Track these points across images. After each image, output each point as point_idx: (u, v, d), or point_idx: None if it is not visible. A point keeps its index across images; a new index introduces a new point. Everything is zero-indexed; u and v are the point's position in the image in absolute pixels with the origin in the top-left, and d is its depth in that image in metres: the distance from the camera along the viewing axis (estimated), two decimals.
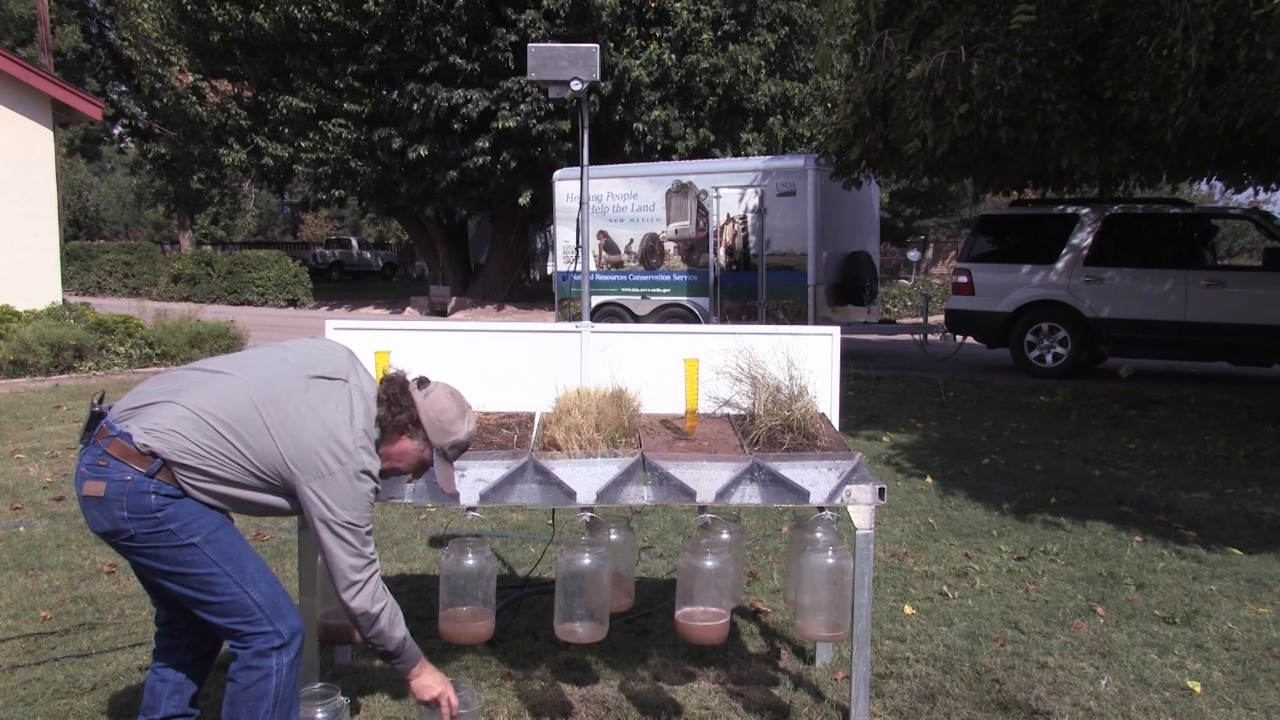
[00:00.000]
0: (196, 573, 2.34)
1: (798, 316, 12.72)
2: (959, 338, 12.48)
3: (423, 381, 2.57)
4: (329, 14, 18.99)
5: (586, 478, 2.80)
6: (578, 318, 12.05)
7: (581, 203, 8.72)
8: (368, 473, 2.39)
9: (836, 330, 3.36)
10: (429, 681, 2.55)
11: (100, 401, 2.41)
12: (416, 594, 4.09)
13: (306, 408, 2.39)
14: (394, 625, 2.47)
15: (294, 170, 21.73)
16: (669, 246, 13.83)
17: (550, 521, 4.83)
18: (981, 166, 10.06)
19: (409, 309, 23.41)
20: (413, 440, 2.52)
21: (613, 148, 19.49)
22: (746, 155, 19.23)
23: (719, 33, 20.30)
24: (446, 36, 18.54)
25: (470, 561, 2.79)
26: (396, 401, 2.49)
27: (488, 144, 18.89)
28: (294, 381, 2.43)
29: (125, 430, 2.30)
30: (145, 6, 24.44)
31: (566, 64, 7.21)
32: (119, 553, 2.40)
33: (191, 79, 25.08)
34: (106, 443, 2.30)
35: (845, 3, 10.00)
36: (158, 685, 2.60)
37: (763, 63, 20.37)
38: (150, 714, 2.60)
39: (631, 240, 14.09)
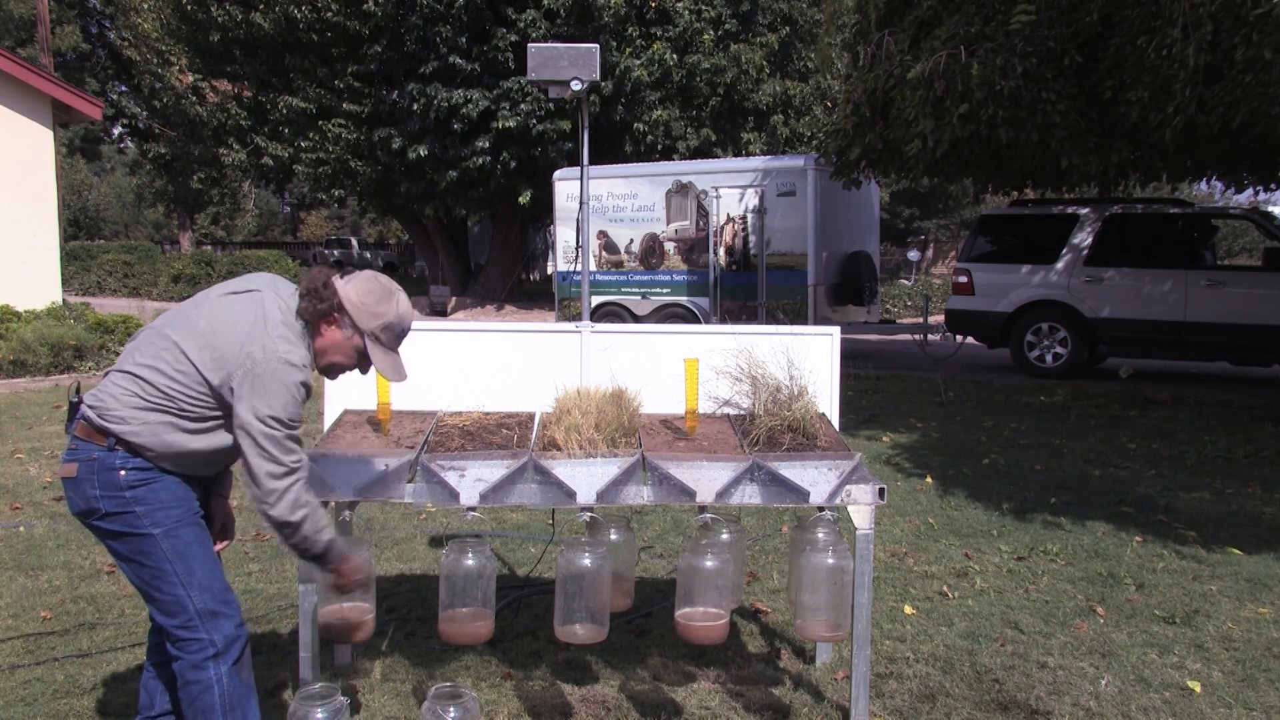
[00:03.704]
0: (149, 565, 2.37)
1: (798, 316, 12.72)
2: (959, 338, 12.48)
3: (346, 271, 2.53)
4: (329, 14, 18.98)
5: (586, 478, 2.80)
6: (578, 318, 12.05)
7: (581, 203, 8.72)
8: (288, 361, 2.33)
9: (836, 330, 3.36)
10: (355, 566, 2.57)
11: (78, 392, 2.46)
12: (416, 594, 4.09)
13: (218, 319, 2.38)
14: (318, 531, 2.43)
15: (294, 170, 21.72)
16: (669, 246, 13.83)
17: (550, 521, 4.83)
18: (981, 166, 10.06)
19: None
20: (341, 329, 2.47)
21: (613, 148, 19.48)
22: (748, 155, 19.22)
23: (719, 32, 20.29)
24: (446, 36, 18.53)
25: (470, 561, 2.79)
26: (317, 293, 2.44)
27: (488, 144, 18.89)
28: (206, 303, 2.44)
29: (83, 411, 2.38)
30: (145, 6, 24.44)
31: (566, 64, 7.20)
32: (95, 535, 2.44)
33: (191, 79, 25.09)
34: (74, 425, 2.40)
35: (845, 3, 10.01)
36: (150, 683, 2.63)
37: (765, 62, 20.37)
38: (146, 712, 2.62)
39: (631, 240, 14.08)
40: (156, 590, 2.38)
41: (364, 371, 2.59)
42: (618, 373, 3.30)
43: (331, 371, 2.55)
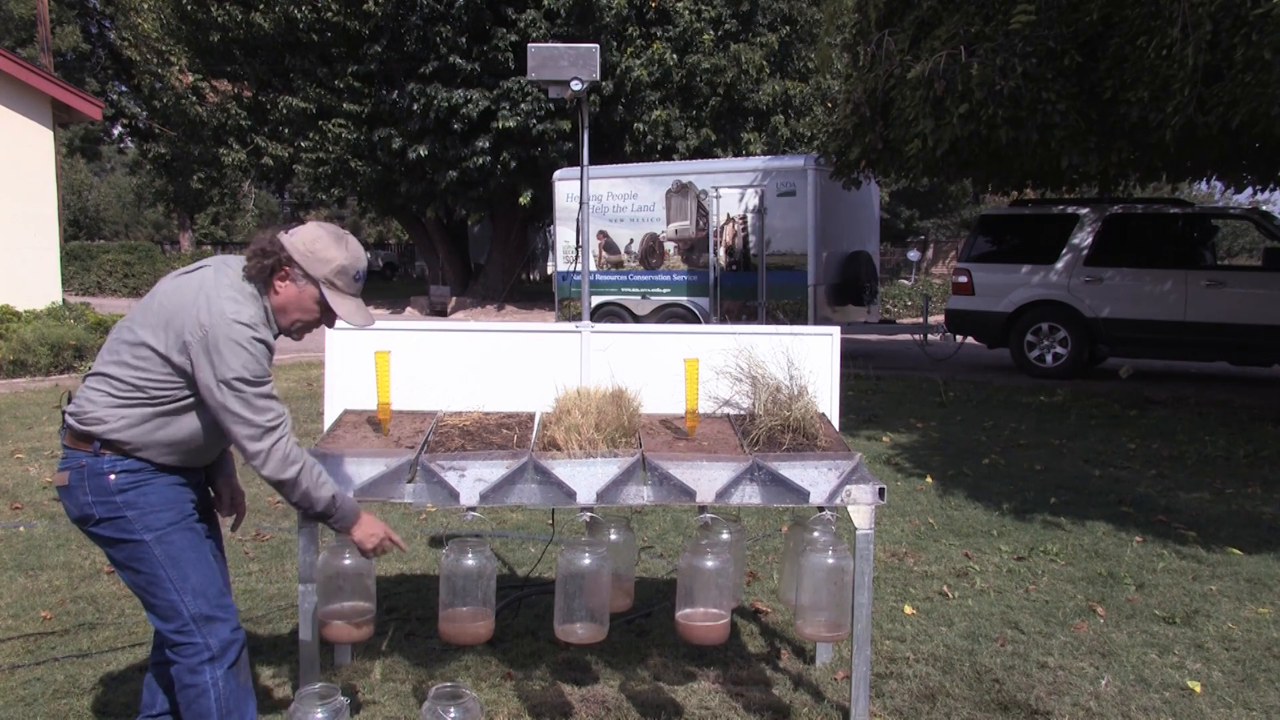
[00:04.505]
0: (144, 571, 2.37)
1: (798, 316, 12.72)
2: (959, 338, 12.48)
3: (290, 226, 2.51)
4: (329, 14, 18.99)
5: (586, 478, 2.80)
6: (578, 318, 12.05)
7: (581, 203, 8.72)
8: (236, 320, 2.29)
9: (836, 330, 3.35)
10: (370, 530, 2.55)
11: (68, 400, 2.46)
12: (416, 594, 4.09)
13: (168, 299, 2.36)
14: (318, 486, 2.43)
15: (294, 170, 21.73)
16: (669, 246, 13.83)
17: (550, 521, 4.83)
18: (981, 166, 10.06)
19: (409, 309, 23.40)
20: (294, 283, 2.42)
21: (613, 148, 19.49)
22: (748, 155, 19.22)
23: (719, 32, 20.29)
24: (446, 36, 18.53)
25: (470, 561, 2.79)
26: (263, 251, 2.41)
27: (488, 144, 18.89)
28: (158, 290, 2.42)
29: (66, 419, 2.38)
30: (145, 6, 24.45)
31: (566, 64, 7.20)
32: (93, 541, 2.44)
33: (191, 79, 25.08)
34: (63, 434, 2.40)
35: (845, 2, 10.01)
36: (154, 682, 2.64)
37: (765, 62, 20.37)
38: (148, 711, 2.63)
39: (631, 240, 14.09)
40: (151, 596, 2.38)
41: (330, 323, 2.53)
42: (618, 373, 3.30)
43: (296, 330, 2.49)
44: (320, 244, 2.43)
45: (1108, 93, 7.40)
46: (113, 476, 2.33)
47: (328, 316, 2.49)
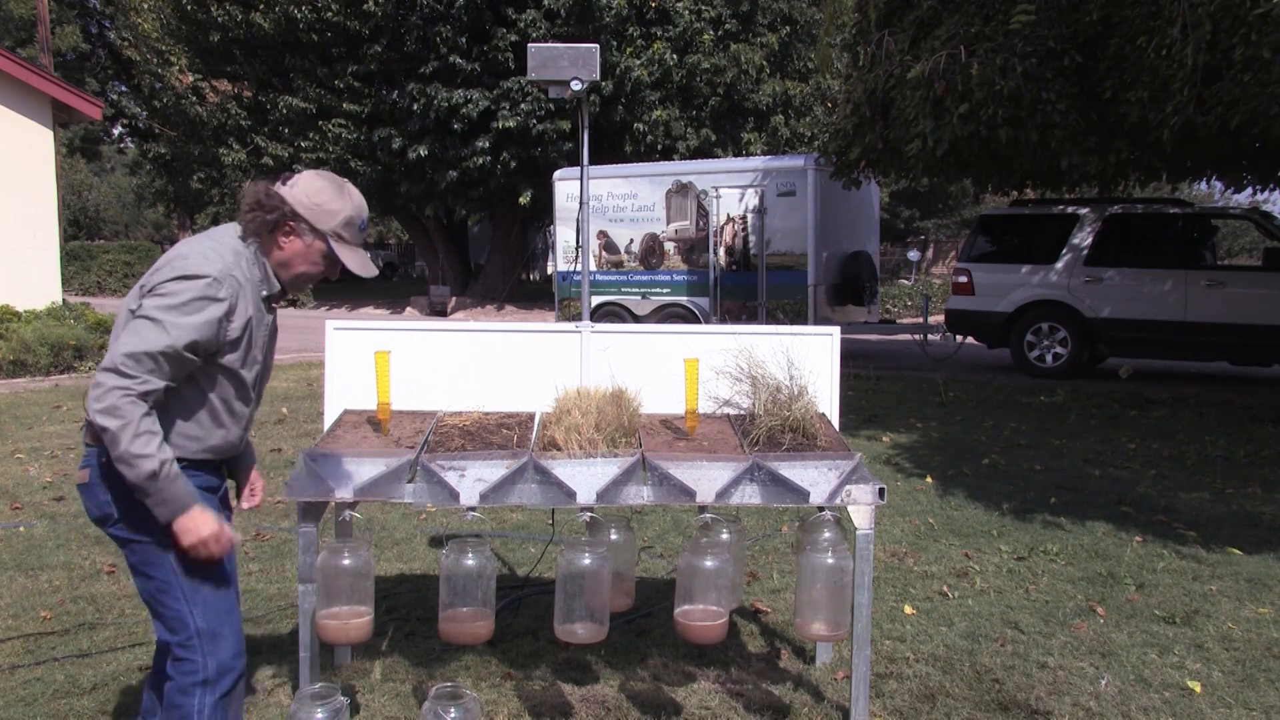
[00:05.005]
0: (155, 577, 2.29)
1: (798, 316, 12.72)
2: (959, 338, 12.48)
3: (286, 177, 2.40)
4: (329, 14, 19.00)
5: (586, 478, 2.80)
6: (578, 318, 12.05)
7: (581, 203, 8.71)
8: (193, 274, 2.19)
9: (836, 330, 3.35)
10: (191, 527, 2.18)
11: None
12: (416, 594, 4.09)
13: (157, 264, 2.29)
14: (138, 444, 2.11)
15: (294, 170, 21.73)
16: (669, 246, 13.84)
17: (550, 521, 4.83)
18: (981, 166, 10.07)
19: (409, 309, 23.41)
20: (300, 237, 2.34)
21: (613, 148, 19.50)
22: (748, 155, 19.23)
23: (719, 32, 20.31)
24: (446, 36, 18.54)
25: (470, 561, 2.79)
26: (262, 204, 2.30)
27: (488, 144, 18.90)
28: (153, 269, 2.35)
29: (87, 414, 2.30)
30: (145, 6, 24.46)
31: (567, 64, 7.20)
32: (115, 543, 2.38)
33: (191, 79, 25.09)
34: (86, 431, 2.32)
35: (845, 2, 10.01)
36: (152, 693, 2.60)
37: (765, 62, 20.39)
38: (149, 717, 2.60)
39: (631, 240, 14.09)
40: (160, 604, 2.30)
41: (334, 275, 2.46)
42: (618, 373, 3.30)
43: (300, 282, 2.42)
44: (324, 195, 2.36)
45: (1107, 93, 7.40)
46: None
47: (333, 268, 2.43)
